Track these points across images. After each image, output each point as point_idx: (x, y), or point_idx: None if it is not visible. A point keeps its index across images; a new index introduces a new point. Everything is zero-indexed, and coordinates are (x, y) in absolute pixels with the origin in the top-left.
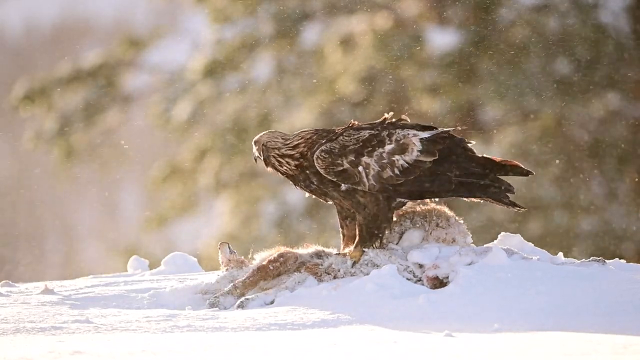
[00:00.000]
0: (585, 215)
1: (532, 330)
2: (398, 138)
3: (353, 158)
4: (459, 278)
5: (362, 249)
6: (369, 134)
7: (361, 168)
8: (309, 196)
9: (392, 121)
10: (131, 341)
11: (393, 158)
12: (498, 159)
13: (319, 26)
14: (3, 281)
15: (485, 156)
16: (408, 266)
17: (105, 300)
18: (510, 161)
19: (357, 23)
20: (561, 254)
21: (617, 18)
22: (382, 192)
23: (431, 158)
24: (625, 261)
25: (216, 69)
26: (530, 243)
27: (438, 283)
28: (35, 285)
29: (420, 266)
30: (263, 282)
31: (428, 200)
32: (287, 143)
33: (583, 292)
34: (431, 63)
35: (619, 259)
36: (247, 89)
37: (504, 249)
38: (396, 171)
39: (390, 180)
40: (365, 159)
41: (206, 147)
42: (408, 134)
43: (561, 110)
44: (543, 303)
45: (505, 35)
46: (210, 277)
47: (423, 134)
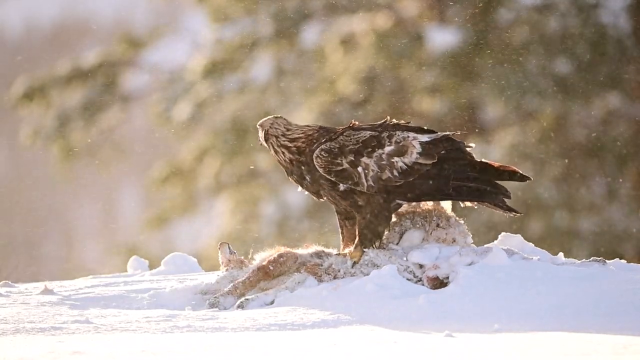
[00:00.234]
0: (585, 215)
1: (533, 330)
2: (398, 140)
3: (352, 158)
4: (459, 278)
5: (362, 249)
6: (369, 135)
7: (360, 169)
8: (308, 195)
9: (393, 123)
10: (131, 341)
11: (392, 160)
12: (496, 164)
13: (319, 26)
14: (3, 281)
15: (483, 161)
16: (408, 266)
17: (105, 300)
18: (508, 166)
19: (358, 23)
20: (561, 254)
21: (618, 18)
22: (381, 193)
23: (430, 161)
24: (625, 261)
25: (216, 69)
26: (530, 243)
27: (438, 283)
28: (34, 285)
29: (420, 266)
30: (263, 283)
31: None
32: (288, 134)
33: (583, 293)
34: (431, 63)
35: (620, 259)
36: (247, 89)
37: (505, 249)
38: (395, 173)
39: (389, 181)
40: (364, 160)
41: (206, 147)
42: (408, 137)
43: (561, 110)
44: (543, 303)
45: (505, 35)
46: (210, 278)
47: (423, 137)
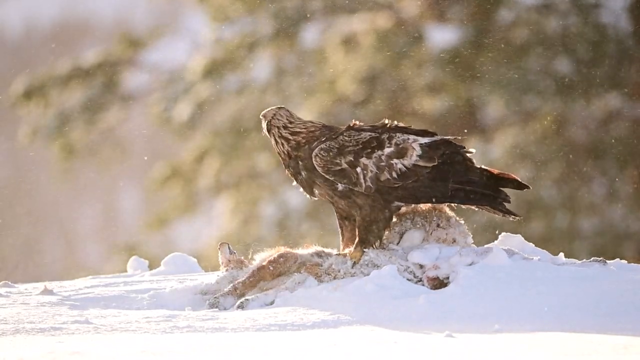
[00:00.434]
0: (586, 215)
1: (533, 330)
2: (398, 142)
3: (351, 158)
4: (460, 278)
5: (362, 250)
6: (369, 136)
7: (359, 169)
8: (307, 195)
9: (394, 125)
10: (131, 342)
11: (391, 161)
12: (496, 171)
13: (319, 26)
14: (2, 282)
15: (483, 167)
16: (408, 266)
17: (105, 300)
18: (507, 174)
19: (358, 23)
20: (562, 255)
21: (618, 18)
22: (379, 194)
23: (430, 164)
24: (626, 261)
25: (216, 69)
26: (531, 243)
27: (438, 283)
28: (34, 285)
29: (420, 267)
30: (263, 283)
31: None
32: (290, 126)
33: (584, 293)
34: (432, 62)
35: (620, 259)
36: (247, 89)
37: (505, 250)
38: (394, 174)
39: (387, 183)
40: (363, 160)
41: (206, 148)
42: (408, 139)
43: (562, 109)
44: (544, 303)
45: (506, 34)
46: (210, 278)
47: (423, 140)
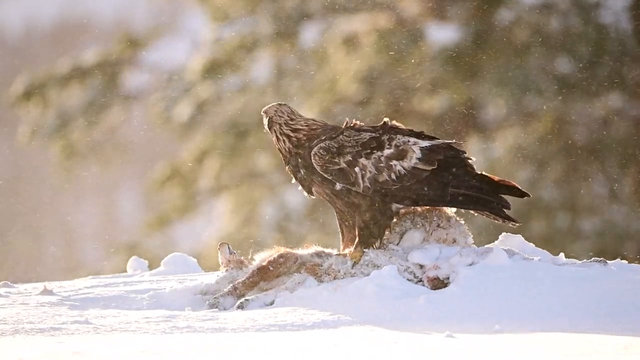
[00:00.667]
0: (586, 215)
1: (533, 331)
2: (398, 144)
3: (350, 158)
4: (460, 279)
5: (362, 250)
6: (369, 137)
7: (357, 169)
8: (307, 195)
9: (394, 126)
10: (131, 342)
11: (391, 163)
12: (496, 178)
13: (319, 26)
14: (2, 282)
15: (483, 174)
16: (408, 267)
17: (104, 301)
18: (508, 181)
19: (358, 23)
20: (562, 255)
21: (619, 18)
22: (377, 195)
23: (430, 167)
24: (626, 262)
25: (215, 69)
26: (531, 243)
27: (439, 284)
28: (34, 285)
29: (420, 267)
30: (263, 283)
31: None
32: (291, 123)
33: (584, 293)
34: (432, 62)
35: (621, 260)
36: (247, 89)
37: (505, 250)
38: (393, 176)
39: (385, 184)
40: (362, 161)
41: (206, 148)
42: (408, 141)
43: (562, 109)
44: (544, 304)
45: (506, 34)
46: (210, 278)
47: (423, 143)
